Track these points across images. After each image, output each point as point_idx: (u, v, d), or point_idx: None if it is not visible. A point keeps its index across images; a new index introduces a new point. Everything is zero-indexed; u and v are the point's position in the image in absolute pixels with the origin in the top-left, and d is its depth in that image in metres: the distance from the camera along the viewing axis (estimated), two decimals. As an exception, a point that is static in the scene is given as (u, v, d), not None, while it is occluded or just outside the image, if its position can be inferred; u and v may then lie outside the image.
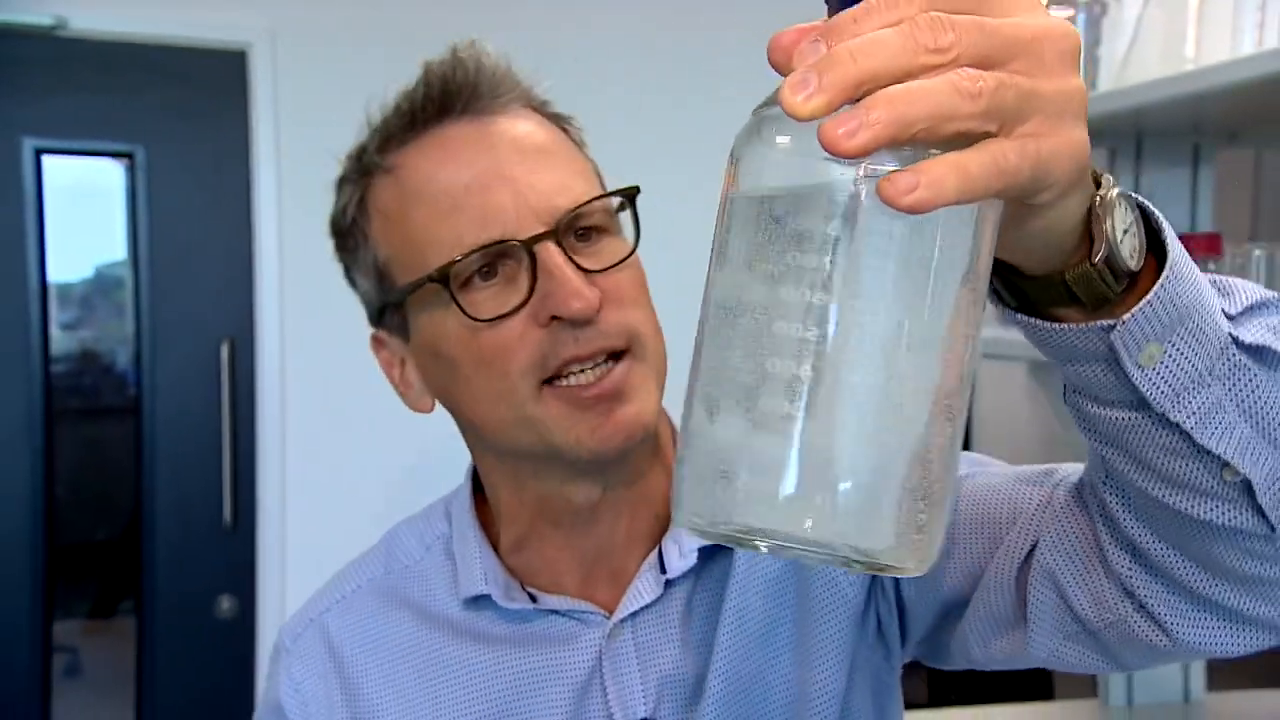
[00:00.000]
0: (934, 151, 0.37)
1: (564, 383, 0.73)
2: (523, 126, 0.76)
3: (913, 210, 0.35)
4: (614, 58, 2.42)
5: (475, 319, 0.72)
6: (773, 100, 0.40)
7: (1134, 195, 0.49)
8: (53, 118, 2.25)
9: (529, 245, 0.71)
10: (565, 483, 0.78)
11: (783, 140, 0.39)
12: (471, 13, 2.32)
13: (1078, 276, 0.47)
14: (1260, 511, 0.52)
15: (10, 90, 2.22)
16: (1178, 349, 0.49)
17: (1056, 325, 0.49)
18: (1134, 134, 1.76)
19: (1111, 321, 0.48)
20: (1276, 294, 0.53)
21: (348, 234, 0.80)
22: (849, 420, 0.39)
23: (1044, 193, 0.41)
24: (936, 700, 2.31)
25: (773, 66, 0.39)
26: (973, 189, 0.36)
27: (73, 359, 2.42)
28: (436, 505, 0.90)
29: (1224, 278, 0.54)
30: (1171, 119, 1.61)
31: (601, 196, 0.75)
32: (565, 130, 0.80)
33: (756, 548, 0.40)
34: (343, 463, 2.33)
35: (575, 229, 0.74)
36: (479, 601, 0.81)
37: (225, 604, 2.34)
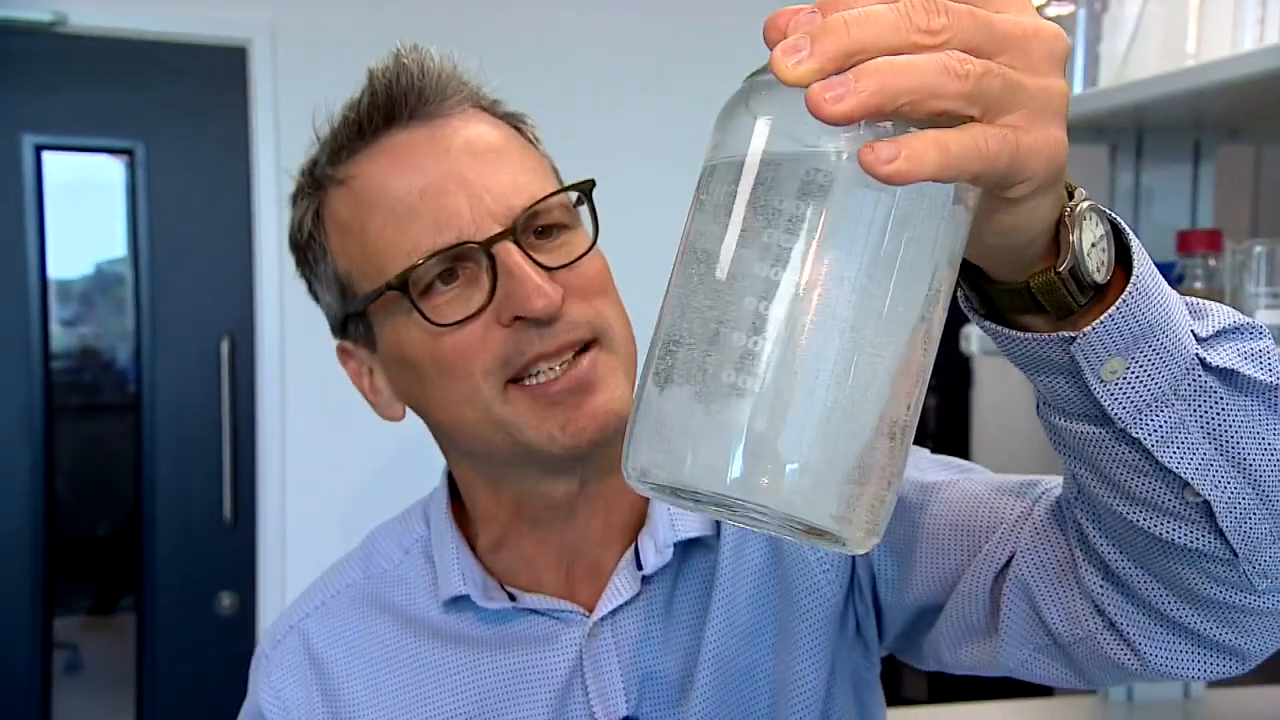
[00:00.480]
0: (914, 129, 0.37)
1: (530, 381, 0.72)
2: (474, 128, 0.75)
3: (890, 180, 0.36)
4: (608, 58, 2.42)
5: (437, 324, 0.71)
6: (764, 68, 0.40)
7: (1107, 210, 0.50)
8: (53, 114, 2.24)
9: (487, 246, 0.71)
10: (542, 479, 0.78)
11: (767, 107, 0.40)
12: (470, 10, 2.32)
13: (1042, 285, 0.48)
14: (1222, 535, 0.53)
15: (10, 87, 2.22)
16: (1140, 365, 0.49)
17: (1020, 334, 0.50)
18: (1135, 130, 1.75)
19: (1073, 334, 0.48)
20: (1250, 320, 0.54)
21: (306, 248, 0.80)
22: (802, 393, 0.39)
23: (1019, 186, 0.41)
24: (936, 697, 2.32)
25: (768, 44, 0.40)
26: (951, 167, 0.37)
27: (73, 355, 2.42)
28: (415, 508, 0.90)
29: (1201, 301, 0.54)
30: (1172, 115, 1.61)
31: (557, 192, 0.75)
32: (518, 129, 0.80)
33: (699, 508, 0.41)
34: (342, 458, 2.33)
35: (534, 227, 0.73)
36: (458, 603, 0.81)
37: (226, 600, 2.34)
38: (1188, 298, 0.53)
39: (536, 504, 0.79)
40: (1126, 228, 0.50)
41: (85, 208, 2.37)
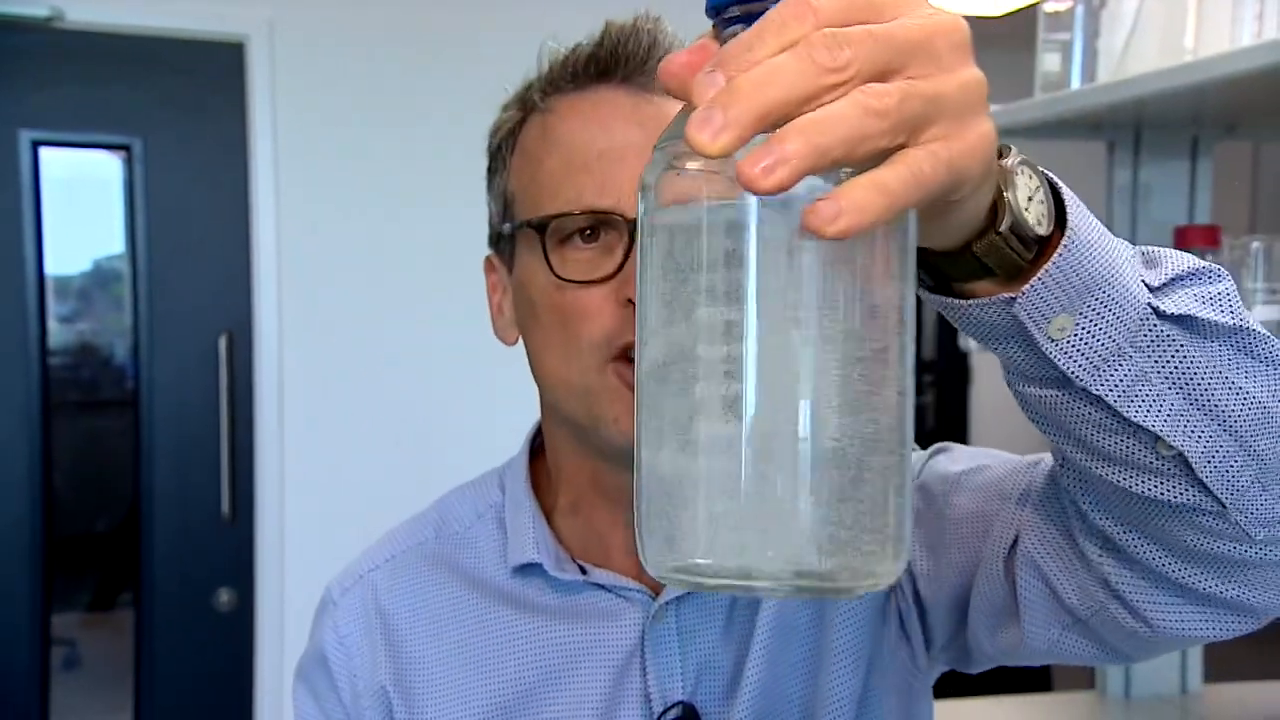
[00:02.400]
0: (846, 171, 0.37)
1: (625, 362, 0.74)
2: (676, 110, 0.77)
3: (840, 237, 0.36)
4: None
5: (559, 276, 0.73)
6: (675, 135, 0.40)
7: (1035, 165, 0.49)
8: (50, 110, 2.24)
9: (632, 224, 0.72)
10: (615, 466, 0.78)
11: (690, 173, 0.39)
12: (468, 9, 2.32)
13: (986, 247, 0.47)
14: (1204, 486, 0.52)
15: (7, 82, 2.22)
16: (1090, 320, 0.48)
17: (961, 302, 0.49)
18: (1133, 126, 1.75)
19: (1013, 294, 0.48)
20: (1209, 263, 0.52)
21: (495, 155, 0.82)
22: (774, 446, 0.39)
23: (959, 191, 0.41)
24: (935, 694, 2.31)
25: (667, 91, 0.40)
26: (894, 206, 0.36)
27: (71, 352, 2.42)
28: (490, 474, 0.91)
29: (1156, 249, 0.53)
30: (1170, 111, 1.61)
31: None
32: None
33: (711, 588, 0.40)
34: (340, 455, 2.33)
35: None
36: (528, 570, 0.82)
37: (224, 596, 2.34)
38: (1142, 247, 0.52)
39: (610, 483, 0.80)
40: (1059, 182, 0.50)
41: (83, 204, 2.37)
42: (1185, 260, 0.52)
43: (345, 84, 2.29)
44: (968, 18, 0.40)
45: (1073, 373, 0.49)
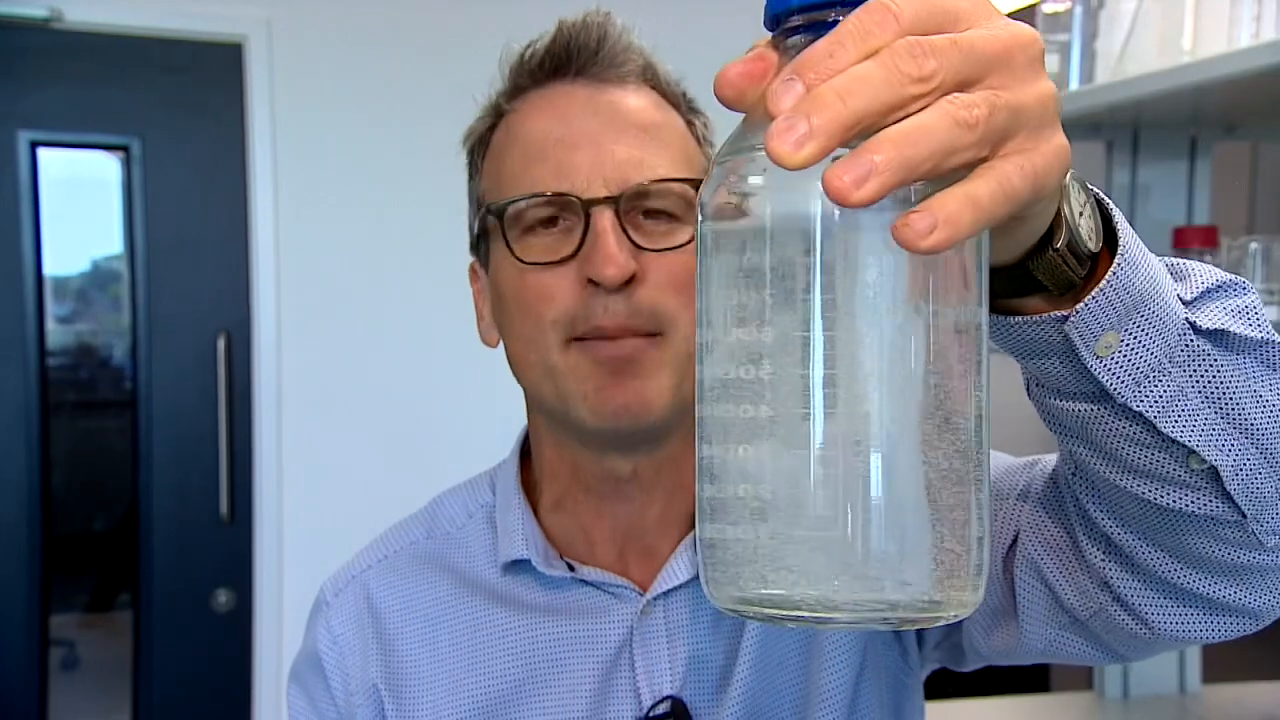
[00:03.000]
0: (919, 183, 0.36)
1: (588, 341, 0.74)
2: (632, 100, 0.78)
3: (934, 251, 0.35)
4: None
5: (520, 260, 0.75)
6: (742, 147, 0.39)
7: (1083, 180, 0.49)
8: (48, 110, 2.24)
9: (587, 206, 0.73)
10: (580, 448, 0.80)
11: (756, 185, 0.38)
12: (464, 8, 2.32)
13: (1042, 264, 0.47)
14: (1229, 498, 0.52)
15: (5, 82, 2.22)
16: (1134, 337, 0.48)
17: (1013, 319, 0.49)
18: (1131, 126, 1.76)
19: (1065, 312, 0.48)
20: (1235, 276, 0.53)
21: (469, 160, 0.84)
22: (859, 475, 0.37)
23: (1039, 204, 0.41)
24: (932, 694, 2.31)
25: (722, 102, 0.39)
26: (985, 219, 0.36)
27: (69, 352, 2.42)
28: (482, 476, 0.92)
29: (1180, 261, 0.53)
30: (1169, 111, 1.61)
31: (670, 180, 0.75)
32: (686, 118, 0.81)
33: (780, 620, 0.39)
34: (339, 455, 2.33)
35: (642, 206, 0.75)
36: (517, 566, 0.83)
37: (222, 597, 2.34)
38: (1167, 259, 0.52)
39: (589, 472, 0.81)
40: (1103, 196, 0.50)
41: (81, 204, 2.37)
42: (1212, 273, 0.52)
43: (343, 84, 2.29)
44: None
45: (1115, 389, 0.49)
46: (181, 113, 2.30)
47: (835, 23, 0.38)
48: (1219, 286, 0.52)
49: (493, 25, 2.35)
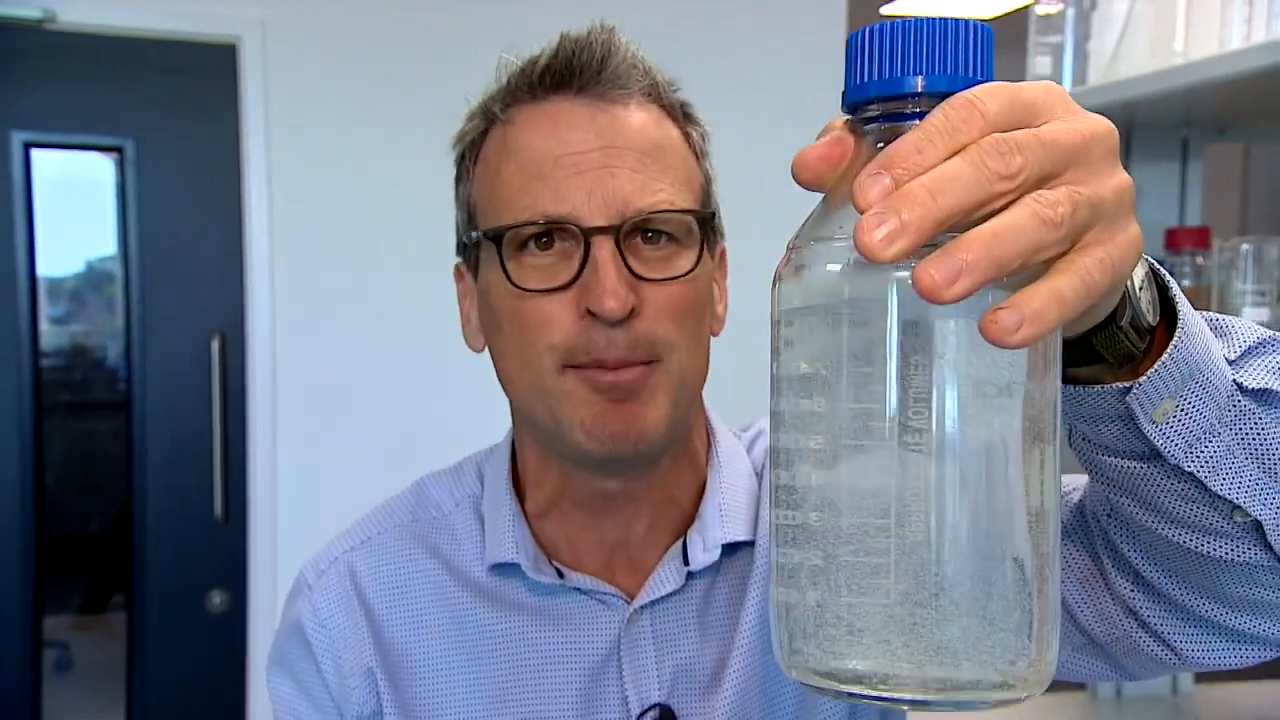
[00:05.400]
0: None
1: (586, 369, 0.74)
2: (636, 119, 0.76)
3: (1021, 346, 0.36)
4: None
5: (516, 285, 0.74)
6: (822, 236, 0.39)
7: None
8: (42, 111, 2.24)
9: (588, 234, 0.72)
10: (582, 472, 0.79)
11: (838, 273, 0.38)
12: (461, 8, 2.32)
13: (1106, 339, 0.48)
14: (1269, 547, 0.54)
15: (-1, 83, 2.21)
16: (1189, 403, 0.50)
17: (1077, 389, 0.50)
18: (1124, 128, 1.76)
19: (1128, 384, 0.49)
20: (1272, 332, 0.55)
21: (459, 165, 0.83)
22: (958, 569, 0.38)
23: (1115, 295, 0.42)
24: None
25: (799, 184, 0.39)
26: (1069, 314, 0.37)
27: (63, 353, 2.41)
28: (468, 463, 0.90)
29: (1220, 317, 0.55)
30: (1161, 113, 1.61)
31: (672, 210, 0.75)
32: (685, 133, 0.80)
33: (852, 697, 0.40)
34: (334, 456, 2.33)
35: (644, 231, 0.74)
36: (505, 569, 0.82)
37: (216, 598, 2.34)
38: (1206, 313, 0.54)
39: (578, 487, 0.81)
40: (1158, 266, 0.51)
41: (75, 205, 2.36)
42: (1252, 330, 0.54)
43: (338, 85, 2.28)
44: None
45: (1169, 451, 0.51)
46: (176, 114, 2.29)
47: (913, 114, 0.39)
48: (1260, 344, 0.53)
49: (489, 27, 2.36)
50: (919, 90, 0.39)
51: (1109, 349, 0.49)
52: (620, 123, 0.76)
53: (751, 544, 0.83)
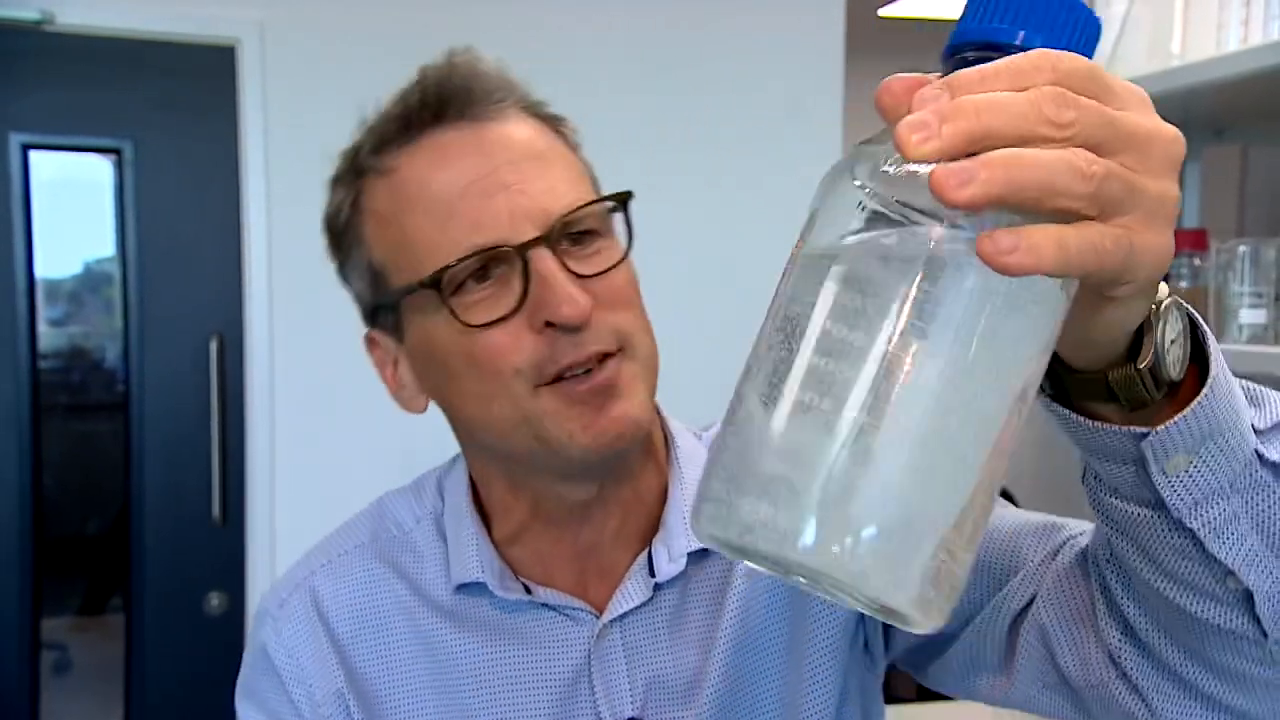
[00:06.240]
0: (1015, 219, 0.37)
1: (562, 382, 0.73)
2: (518, 131, 0.76)
3: (1006, 270, 0.36)
4: (607, 58, 2.42)
5: (468, 324, 0.72)
6: (878, 137, 0.40)
7: (1185, 304, 0.50)
8: (40, 113, 2.24)
9: (522, 251, 0.71)
10: (558, 482, 0.78)
11: (876, 178, 0.39)
12: (460, 9, 2.32)
13: (1121, 379, 0.48)
14: (1257, 619, 0.53)
15: (-3, 85, 2.21)
16: (1205, 461, 0.49)
17: (1090, 423, 0.50)
18: (1121, 130, 1.76)
19: (1145, 430, 0.49)
20: None
21: (342, 234, 0.81)
22: (884, 465, 0.38)
23: (1125, 286, 0.41)
24: (926, 694, 2.32)
25: (880, 110, 0.40)
26: (1067, 264, 0.37)
27: (61, 355, 2.41)
28: (428, 478, 0.89)
29: (1257, 387, 0.54)
30: (1158, 115, 1.61)
31: (593, 202, 0.76)
32: (559, 132, 0.80)
33: (775, 572, 0.40)
34: (332, 458, 2.32)
35: (568, 233, 0.74)
36: (471, 588, 0.81)
37: (215, 600, 2.34)
38: (1245, 383, 0.53)
39: (552, 504, 0.80)
40: (1203, 323, 0.51)
41: (73, 207, 2.36)
42: None
43: (337, 87, 2.28)
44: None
45: (1174, 505, 0.50)
46: (174, 115, 2.29)
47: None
48: None
49: (488, 27, 2.35)
50: (1017, 43, 0.39)
51: (1123, 390, 0.48)
52: (507, 138, 0.75)
53: None
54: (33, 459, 2.26)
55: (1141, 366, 0.47)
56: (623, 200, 0.78)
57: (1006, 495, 3.11)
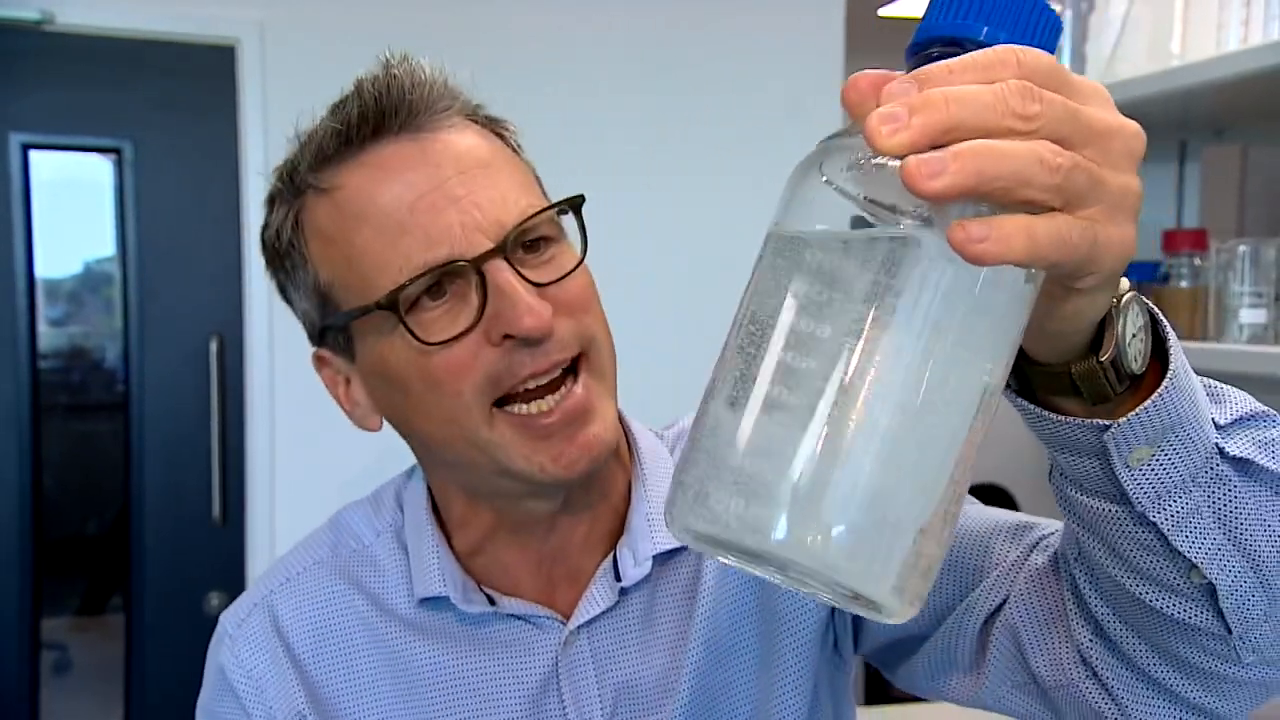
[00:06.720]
0: (982, 209, 0.37)
1: (519, 408, 0.72)
2: (463, 140, 0.74)
3: (978, 260, 0.36)
4: (607, 58, 2.42)
5: (426, 342, 0.70)
6: (845, 132, 0.40)
7: (1145, 300, 0.51)
8: (40, 113, 2.24)
9: (477, 264, 0.70)
10: (523, 499, 0.78)
11: (845, 172, 0.40)
12: (460, 9, 2.32)
13: (1083, 372, 0.49)
14: (1220, 614, 0.54)
15: (-3, 85, 2.21)
16: (1166, 454, 0.50)
17: (1053, 416, 0.51)
18: (1121, 130, 1.76)
19: (1107, 422, 0.49)
20: (1267, 409, 0.55)
21: (284, 254, 0.79)
22: (855, 456, 0.38)
23: (1089, 277, 0.42)
24: (905, 698, 2.31)
25: (846, 105, 0.41)
26: (1036, 254, 0.37)
27: (61, 355, 2.41)
28: (385, 491, 0.89)
29: (1217, 384, 0.55)
30: (1158, 115, 1.62)
31: (546, 209, 0.74)
32: (502, 137, 0.79)
33: (745, 565, 0.40)
34: (332, 458, 2.32)
35: (522, 242, 0.73)
36: (434, 602, 0.80)
37: (215, 600, 2.34)
38: (1205, 379, 0.54)
39: (517, 517, 0.79)
40: (1163, 318, 0.51)
41: (73, 207, 2.36)
42: (1246, 401, 0.55)
43: (337, 86, 2.28)
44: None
45: (1137, 498, 0.51)
46: (174, 115, 2.29)
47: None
48: (1252, 416, 0.54)
49: (488, 27, 2.36)
50: (981, 39, 0.40)
51: (1086, 383, 0.49)
52: (453, 147, 0.73)
53: (686, 549, 0.81)
54: (33, 459, 2.26)
55: (1104, 359, 0.48)
56: (575, 205, 0.76)
57: (1005, 496, 3.11)
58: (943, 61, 0.38)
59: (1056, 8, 1.66)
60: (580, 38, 2.39)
